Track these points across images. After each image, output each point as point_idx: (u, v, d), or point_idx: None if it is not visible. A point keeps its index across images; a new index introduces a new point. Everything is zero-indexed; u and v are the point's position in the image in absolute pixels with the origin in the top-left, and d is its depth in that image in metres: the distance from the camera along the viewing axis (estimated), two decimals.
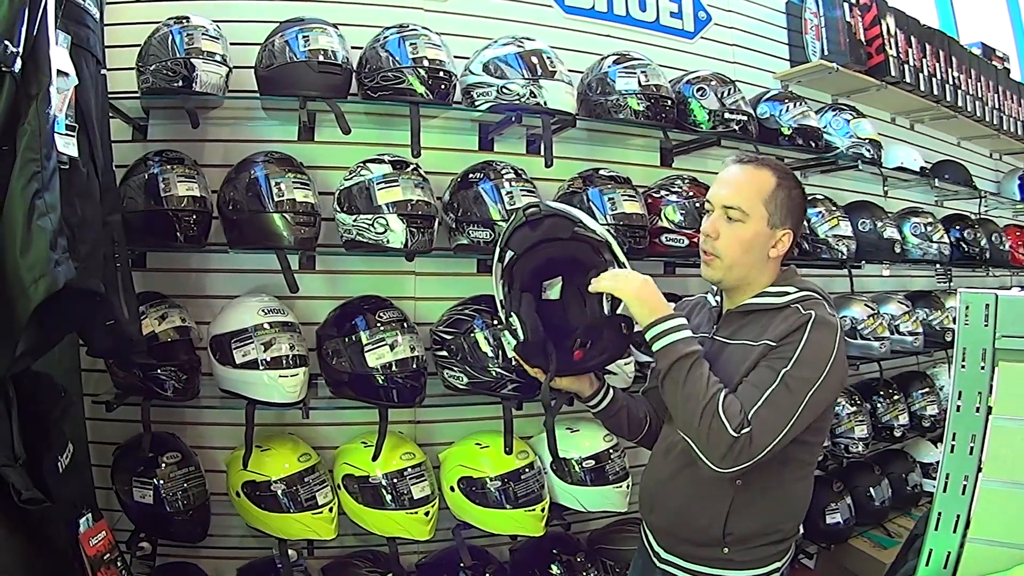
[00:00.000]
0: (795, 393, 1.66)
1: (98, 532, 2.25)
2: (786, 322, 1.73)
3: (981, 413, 1.48)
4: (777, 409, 1.65)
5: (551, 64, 2.76)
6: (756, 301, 1.85)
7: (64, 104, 1.71)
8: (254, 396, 2.53)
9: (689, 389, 1.68)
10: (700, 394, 1.66)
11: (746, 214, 1.81)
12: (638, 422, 2.11)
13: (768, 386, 1.66)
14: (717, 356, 1.84)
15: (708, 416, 1.63)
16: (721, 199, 1.85)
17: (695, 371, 1.69)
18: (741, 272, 1.85)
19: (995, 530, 1.45)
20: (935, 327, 4.06)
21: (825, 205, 3.59)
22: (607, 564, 2.97)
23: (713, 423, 1.63)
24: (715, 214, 1.86)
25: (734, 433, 1.60)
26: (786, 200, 1.83)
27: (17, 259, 1.52)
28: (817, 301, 1.79)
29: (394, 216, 2.56)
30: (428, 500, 2.70)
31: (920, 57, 4.26)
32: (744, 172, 1.86)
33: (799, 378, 1.66)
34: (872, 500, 3.70)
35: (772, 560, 1.88)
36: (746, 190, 1.83)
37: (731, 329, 1.88)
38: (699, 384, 1.68)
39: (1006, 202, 5.15)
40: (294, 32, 2.57)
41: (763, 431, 1.63)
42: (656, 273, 3.26)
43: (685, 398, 1.69)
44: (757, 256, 1.84)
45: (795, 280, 1.88)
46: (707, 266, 1.89)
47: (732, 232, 1.82)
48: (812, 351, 1.69)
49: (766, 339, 1.74)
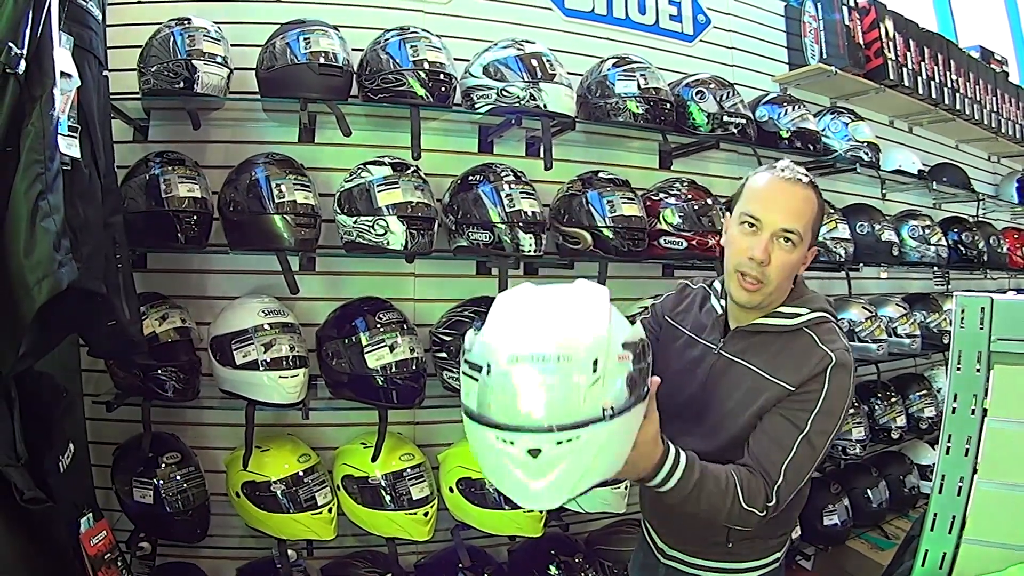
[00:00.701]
0: (816, 448, 1.65)
1: (99, 532, 2.26)
2: (804, 363, 1.67)
3: (976, 415, 1.49)
4: (801, 466, 1.64)
5: (551, 67, 2.77)
6: (766, 322, 1.77)
7: (67, 105, 1.72)
8: (254, 397, 2.54)
9: (710, 505, 1.59)
10: (723, 502, 1.59)
11: (801, 239, 1.69)
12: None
13: (791, 445, 1.64)
14: (723, 374, 1.79)
15: (736, 513, 1.60)
16: (778, 223, 1.68)
17: (705, 488, 1.57)
18: (777, 295, 1.76)
19: (990, 531, 1.46)
20: (933, 330, 4.06)
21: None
22: (605, 565, 2.98)
23: (743, 516, 1.60)
24: (765, 237, 1.69)
25: (761, 513, 1.61)
26: (820, 216, 1.76)
27: (21, 260, 1.53)
28: (829, 326, 1.75)
29: (394, 218, 2.57)
30: (427, 501, 2.72)
31: (918, 60, 4.28)
32: (800, 194, 1.71)
33: (821, 432, 1.65)
34: (870, 502, 3.71)
35: (773, 551, 1.91)
36: (804, 214, 1.70)
37: (739, 346, 1.80)
38: (717, 496, 1.58)
39: (1004, 205, 5.16)
40: (295, 34, 2.58)
41: (788, 489, 1.64)
42: (654, 275, 3.30)
43: (709, 510, 1.61)
44: (792, 277, 1.76)
45: (807, 298, 1.80)
46: (750, 292, 1.72)
47: (784, 258, 1.69)
48: (832, 401, 1.65)
49: (784, 381, 1.68)
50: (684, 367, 1.87)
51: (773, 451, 1.65)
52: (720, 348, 1.83)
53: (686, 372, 1.85)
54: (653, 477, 1.53)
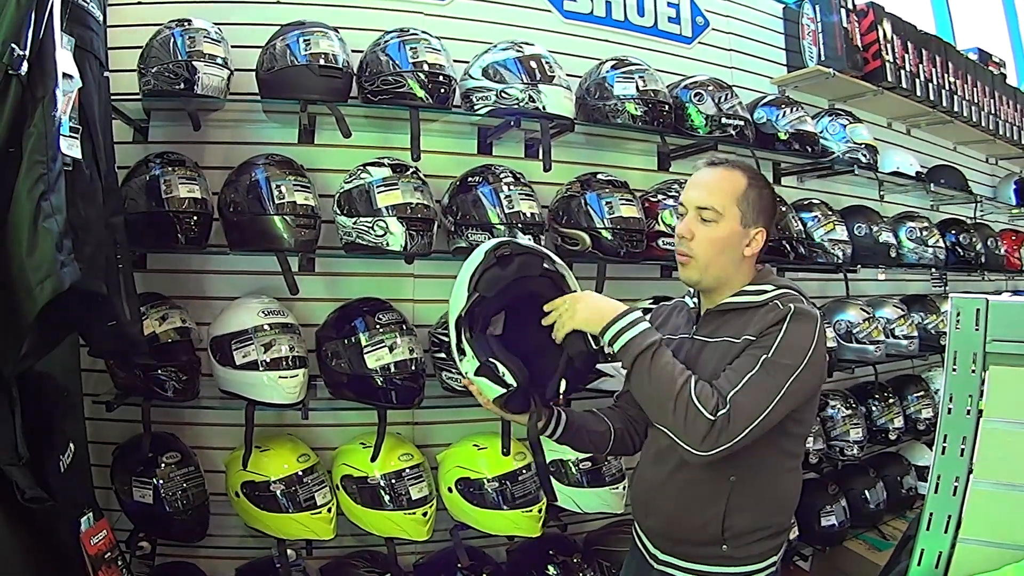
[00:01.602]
0: (774, 377, 1.67)
1: (99, 531, 2.27)
2: (767, 316, 1.74)
3: (972, 416, 1.50)
4: (756, 392, 1.66)
5: (550, 69, 2.78)
6: (735, 300, 1.86)
7: (68, 106, 1.73)
8: (254, 397, 2.55)
9: (657, 380, 1.68)
10: (669, 383, 1.66)
11: (720, 214, 1.83)
12: (600, 436, 2.05)
13: (748, 371, 1.68)
14: (698, 354, 1.86)
15: (682, 404, 1.63)
16: (694, 200, 1.86)
17: (659, 360, 1.69)
18: (717, 272, 1.86)
19: (986, 530, 1.46)
20: (930, 331, 4.08)
21: (821, 209, 3.61)
22: (603, 565, 2.98)
23: (689, 410, 1.63)
24: (689, 216, 1.87)
25: (710, 416, 1.61)
26: (757, 199, 1.85)
27: (23, 260, 1.54)
28: (795, 297, 1.81)
29: (393, 219, 2.58)
30: (426, 501, 2.72)
31: (916, 62, 4.30)
32: (715, 173, 1.88)
33: (778, 364, 1.68)
34: (867, 503, 3.71)
35: (769, 555, 1.89)
36: (719, 191, 1.84)
37: (711, 328, 1.88)
38: (666, 373, 1.68)
39: (1001, 207, 5.18)
40: (295, 36, 2.59)
41: (742, 413, 1.63)
42: (652, 276, 3.31)
43: (655, 390, 1.69)
44: (732, 255, 1.85)
45: (771, 279, 1.90)
46: (684, 267, 1.90)
47: (707, 233, 1.84)
48: (792, 339, 1.70)
49: (747, 334, 1.75)
50: None
51: (729, 375, 1.70)
52: (693, 334, 1.93)
53: None
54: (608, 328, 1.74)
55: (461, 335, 1.80)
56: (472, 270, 1.80)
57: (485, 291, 1.77)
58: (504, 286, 1.79)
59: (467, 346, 1.80)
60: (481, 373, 1.79)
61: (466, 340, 1.80)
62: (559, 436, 2.00)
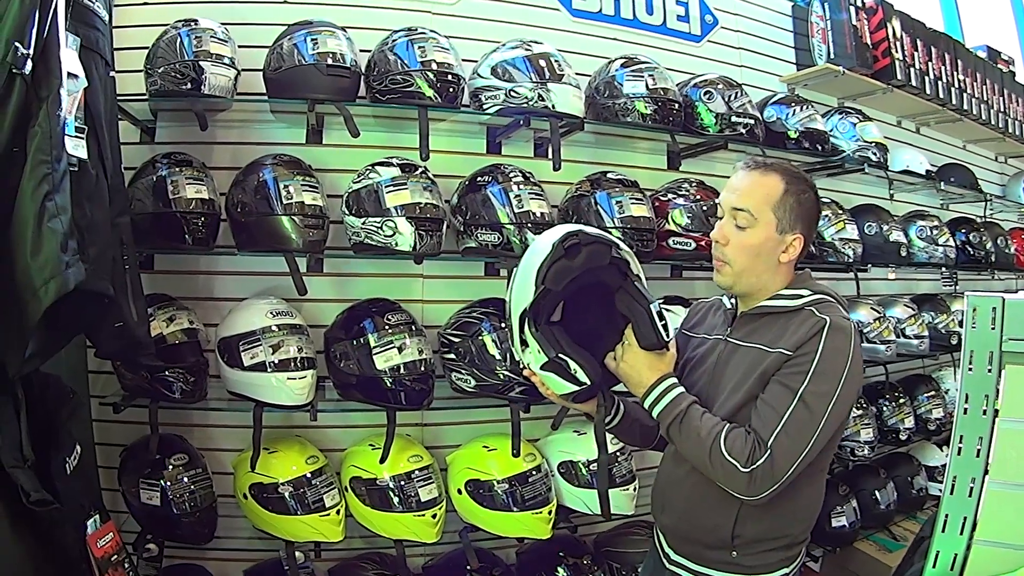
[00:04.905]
0: (814, 412, 1.66)
1: (106, 533, 2.26)
2: (801, 328, 1.73)
3: (988, 416, 1.48)
4: (796, 430, 1.66)
5: (559, 67, 2.76)
6: (769, 304, 1.84)
7: (74, 106, 1.72)
8: (262, 398, 2.54)
9: (689, 442, 1.74)
10: (700, 446, 1.71)
11: (754, 219, 1.81)
12: (651, 430, 2.07)
13: (786, 408, 1.67)
14: (730, 357, 1.86)
15: (717, 463, 1.68)
16: (730, 203, 1.85)
17: (688, 424, 1.74)
18: (751, 278, 1.85)
19: (1001, 532, 1.45)
20: (941, 330, 4.04)
21: (831, 208, 3.59)
22: (613, 567, 2.96)
23: (724, 467, 1.66)
24: (724, 220, 1.87)
25: (745, 469, 1.64)
26: (795, 205, 1.82)
27: (28, 261, 1.53)
28: (831, 304, 1.80)
29: (402, 219, 2.56)
30: (435, 502, 2.70)
31: (926, 60, 4.28)
32: (751, 177, 1.85)
33: (817, 394, 1.66)
34: (878, 503, 3.69)
35: (780, 566, 1.87)
36: (752, 196, 1.82)
37: (745, 331, 1.87)
38: (697, 436, 1.72)
39: (1012, 205, 5.13)
40: (303, 35, 2.58)
41: (783, 456, 1.64)
42: (663, 276, 3.29)
43: (691, 451, 1.76)
44: (767, 262, 1.84)
45: (809, 283, 1.88)
46: (718, 272, 1.89)
47: (741, 239, 1.83)
48: (828, 362, 1.68)
49: (781, 347, 1.73)
50: (697, 362, 1.97)
51: (767, 413, 1.69)
52: (727, 336, 1.92)
53: (699, 365, 1.95)
54: (646, 397, 1.81)
55: (524, 328, 1.79)
56: (539, 262, 1.75)
57: (553, 285, 1.74)
58: (573, 277, 1.76)
59: (531, 339, 1.79)
60: (549, 368, 1.79)
61: (531, 333, 1.78)
62: (614, 426, 2.03)
